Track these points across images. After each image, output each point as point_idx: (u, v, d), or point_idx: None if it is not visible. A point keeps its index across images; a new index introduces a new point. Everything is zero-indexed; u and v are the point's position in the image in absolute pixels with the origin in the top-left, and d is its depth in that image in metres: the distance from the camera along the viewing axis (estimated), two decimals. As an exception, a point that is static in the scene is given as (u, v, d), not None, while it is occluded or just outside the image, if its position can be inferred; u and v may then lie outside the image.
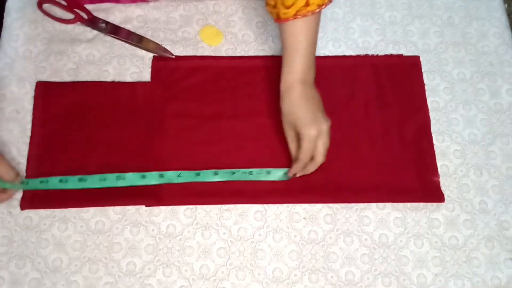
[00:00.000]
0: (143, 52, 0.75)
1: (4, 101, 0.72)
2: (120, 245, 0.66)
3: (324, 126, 0.64)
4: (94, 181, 0.67)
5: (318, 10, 0.63)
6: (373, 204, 0.68)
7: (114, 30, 0.76)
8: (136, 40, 0.76)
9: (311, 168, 0.66)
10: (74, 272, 0.64)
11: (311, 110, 0.65)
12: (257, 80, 0.74)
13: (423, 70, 0.76)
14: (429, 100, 0.74)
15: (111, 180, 0.67)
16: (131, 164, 0.69)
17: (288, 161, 0.70)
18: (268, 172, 0.68)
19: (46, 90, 0.73)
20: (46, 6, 0.78)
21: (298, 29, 0.65)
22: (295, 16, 0.63)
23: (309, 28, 0.65)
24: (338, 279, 0.65)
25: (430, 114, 0.73)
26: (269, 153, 0.70)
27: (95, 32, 0.77)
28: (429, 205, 0.68)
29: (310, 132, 0.64)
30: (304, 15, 0.63)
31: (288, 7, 0.63)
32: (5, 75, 0.74)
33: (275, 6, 0.64)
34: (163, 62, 0.75)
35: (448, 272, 0.65)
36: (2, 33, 0.76)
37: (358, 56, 0.76)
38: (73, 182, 0.67)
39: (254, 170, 0.68)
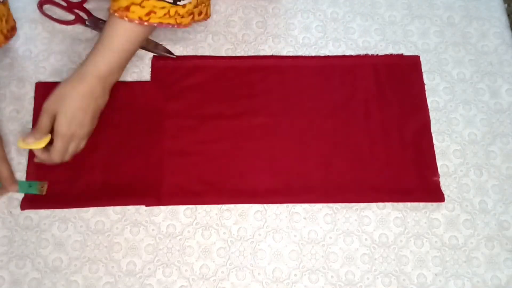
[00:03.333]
0: (143, 52, 0.75)
1: (4, 101, 0.72)
2: (120, 245, 0.66)
3: (82, 130, 0.64)
4: None
5: (137, 22, 0.62)
6: (373, 204, 0.68)
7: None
8: (135, 40, 0.76)
9: (64, 159, 0.66)
10: (74, 272, 0.64)
11: (82, 109, 0.63)
12: (257, 80, 0.74)
13: (423, 70, 0.76)
14: (429, 100, 0.74)
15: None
16: (131, 164, 0.69)
17: (288, 160, 0.70)
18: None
19: (46, 90, 0.72)
20: (46, 7, 0.78)
21: (118, 28, 0.63)
22: (114, 11, 0.62)
23: (126, 34, 0.64)
24: (338, 279, 0.65)
25: (430, 114, 0.73)
26: (269, 153, 0.70)
27: (95, 32, 0.77)
28: (429, 205, 0.68)
29: (64, 130, 0.63)
30: (121, 17, 0.62)
31: (114, 1, 0.62)
32: (5, 75, 0.74)
33: None
34: (163, 62, 0.75)
35: (448, 272, 0.65)
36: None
37: (358, 56, 0.76)
38: None
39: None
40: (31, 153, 0.69)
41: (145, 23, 0.62)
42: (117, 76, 0.67)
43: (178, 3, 0.62)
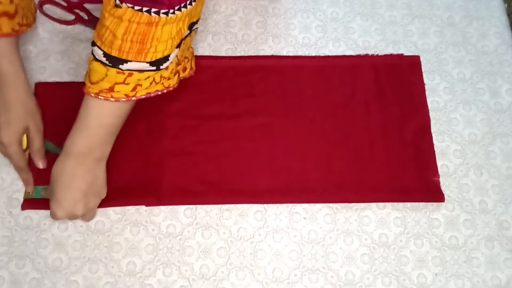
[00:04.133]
0: (143, 52, 0.75)
1: (4, 101, 0.72)
2: (120, 245, 0.66)
3: (76, 212, 0.62)
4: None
5: (125, 99, 0.60)
6: (373, 204, 0.68)
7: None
8: (135, 40, 0.75)
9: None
10: (74, 272, 0.64)
11: (72, 192, 0.61)
12: (257, 80, 0.74)
13: (423, 70, 0.76)
14: (429, 100, 0.74)
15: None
16: (131, 164, 0.69)
17: (288, 160, 0.70)
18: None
19: (46, 90, 0.73)
20: (46, 7, 0.78)
21: (98, 108, 0.60)
22: (96, 94, 0.59)
23: (111, 111, 0.61)
24: (338, 279, 0.65)
25: (430, 114, 0.73)
26: (269, 153, 0.70)
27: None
28: (429, 205, 0.68)
29: (56, 213, 0.62)
30: (106, 99, 0.59)
31: (92, 83, 0.59)
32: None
33: (86, 73, 0.60)
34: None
35: (448, 272, 0.65)
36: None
37: (358, 56, 0.76)
38: None
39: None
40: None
41: (133, 98, 0.60)
42: (106, 148, 0.64)
43: (161, 67, 0.59)
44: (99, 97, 0.59)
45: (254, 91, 0.74)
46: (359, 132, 0.72)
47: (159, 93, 0.63)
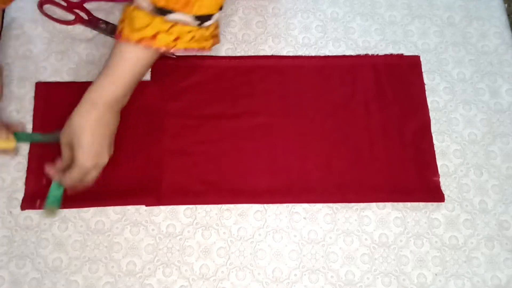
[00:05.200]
0: (143, 52, 0.75)
1: (4, 101, 0.72)
2: (120, 245, 0.66)
3: (102, 160, 0.62)
4: None
5: (164, 49, 0.61)
6: (373, 204, 0.68)
7: (114, 30, 0.76)
8: (135, 40, 0.75)
9: (80, 187, 0.64)
10: (74, 272, 0.64)
11: (98, 140, 0.62)
12: (257, 80, 0.74)
13: (423, 70, 0.76)
14: (429, 100, 0.74)
15: None
16: (131, 164, 0.69)
17: (288, 160, 0.70)
18: None
19: (46, 90, 0.73)
20: (46, 7, 0.78)
21: (134, 55, 0.61)
22: (137, 42, 0.60)
23: (144, 60, 0.62)
24: (338, 279, 0.65)
25: (430, 114, 0.73)
26: (269, 153, 0.70)
27: (95, 32, 0.77)
28: (429, 205, 0.68)
29: (85, 163, 0.61)
30: (147, 46, 0.60)
31: (134, 30, 0.60)
32: (5, 75, 0.74)
33: (122, 21, 0.61)
34: (163, 61, 0.75)
35: (448, 272, 0.65)
36: (2, 33, 0.76)
37: (358, 56, 0.76)
38: None
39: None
40: (31, 153, 0.69)
41: (171, 50, 0.62)
42: (126, 99, 0.65)
43: (204, 24, 0.61)
44: (141, 43, 0.60)
45: (254, 91, 0.74)
46: (359, 132, 0.72)
47: (195, 51, 0.64)
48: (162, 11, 0.59)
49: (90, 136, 0.61)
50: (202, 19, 0.61)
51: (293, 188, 0.68)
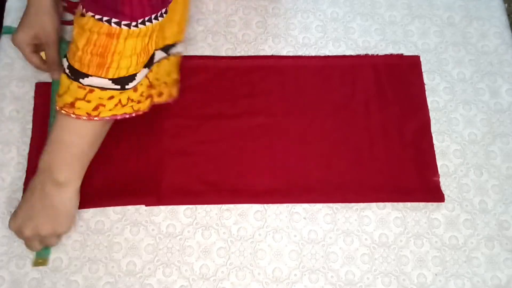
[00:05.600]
0: (143, 52, 0.75)
1: (4, 101, 0.72)
2: (120, 245, 0.66)
3: (25, 231, 0.60)
4: None
5: (86, 118, 0.56)
6: (373, 204, 0.68)
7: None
8: (135, 40, 0.75)
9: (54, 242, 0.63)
10: (74, 272, 0.64)
11: (26, 207, 0.61)
12: (257, 80, 0.74)
13: (423, 70, 0.76)
14: (429, 100, 0.74)
15: None
16: (130, 164, 0.69)
17: (288, 160, 0.70)
18: None
19: (46, 90, 0.73)
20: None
21: (58, 121, 0.58)
22: (60, 108, 0.56)
23: (75, 130, 0.58)
24: (338, 279, 0.65)
25: (430, 114, 0.73)
26: (269, 153, 0.70)
27: (95, 32, 0.77)
28: (429, 205, 0.68)
29: (10, 223, 0.61)
30: (68, 114, 0.56)
31: (59, 95, 0.56)
32: (5, 75, 0.74)
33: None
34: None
35: (448, 272, 0.65)
36: (2, 33, 0.76)
37: (358, 56, 0.76)
38: None
39: None
40: (31, 153, 0.69)
41: (95, 119, 0.56)
42: (66, 174, 0.60)
43: (126, 87, 0.55)
44: (62, 111, 0.56)
45: (254, 91, 0.74)
46: (359, 132, 0.72)
47: (127, 116, 0.60)
48: (77, 74, 0.54)
49: (22, 200, 0.62)
50: (122, 81, 0.55)
51: (293, 188, 0.68)
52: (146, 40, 0.53)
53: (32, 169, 0.68)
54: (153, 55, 0.57)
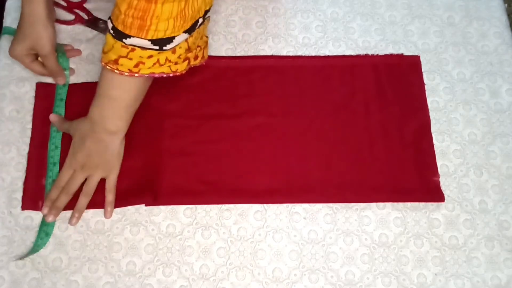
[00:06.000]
0: (143, 52, 0.75)
1: (4, 101, 0.72)
2: (120, 245, 0.66)
3: (82, 172, 0.66)
4: None
5: (128, 74, 0.61)
6: (373, 204, 0.68)
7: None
8: (135, 40, 0.75)
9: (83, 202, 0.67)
10: (74, 272, 0.64)
11: (82, 152, 0.66)
12: (257, 80, 0.74)
13: (423, 70, 0.76)
14: (429, 100, 0.74)
15: None
16: (130, 164, 0.69)
17: (288, 160, 0.70)
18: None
19: (46, 90, 0.73)
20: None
21: (104, 77, 0.64)
22: (105, 64, 0.62)
23: (119, 85, 0.64)
24: (338, 279, 0.65)
25: (430, 114, 0.73)
26: (269, 153, 0.70)
27: (95, 32, 0.77)
28: (429, 205, 0.68)
29: (71, 163, 0.66)
30: (112, 70, 0.61)
31: (104, 52, 0.62)
32: (5, 75, 0.74)
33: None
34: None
35: (448, 272, 0.65)
36: (2, 33, 0.76)
37: (358, 56, 0.76)
38: None
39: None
40: (31, 153, 0.69)
41: (136, 75, 0.62)
42: (116, 122, 0.66)
43: (164, 48, 0.60)
44: (107, 66, 0.62)
45: (254, 91, 0.74)
46: (359, 132, 0.72)
47: (165, 75, 0.64)
48: (120, 35, 0.59)
49: (76, 145, 0.66)
50: (160, 43, 0.59)
51: (293, 188, 0.68)
52: (182, 4, 0.57)
53: (32, 169, 0.68)
54: (196, 22, 0.61)
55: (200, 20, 0.61)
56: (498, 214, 0.68)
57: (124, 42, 0.59)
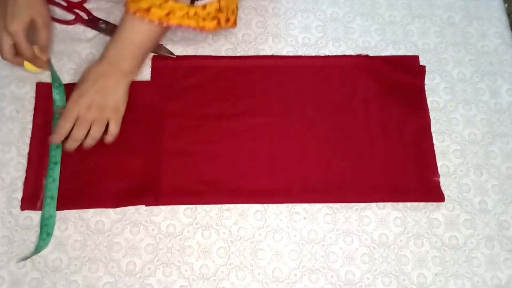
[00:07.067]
0: (143, 52, 0.75)
1: (4, 101, 0.72)
2: (120, 245, 0.66)
3: (92, 109, 0.67)
4: None
5: (157, 23, 0.66)
6: (373, 204, 0.68)
7: (114, 30, 0.76)
8: (135, 40, 0.76)
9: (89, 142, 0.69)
10: (74, 272, 0.64)
11: (96, 89, 0.67)
12: (257, 80, 0.74)
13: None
14: (429, 100, 0.74)
15: None
16: (131, 164, 0.69)
17: (288, 160, 0.70)
18: None
19: (47, 90, 0.73)
20: (46, 6, 0.78)
21: (130, 24, 0.67)
22: (133, 13, 0.65)
23: (144, 33, 0.68)
24: (338, 279, 0.65)
25: (430, 114, 0.73)
26: (269, 153, 0.70)
27: (95, 32, 0.77)
28: (429, 205, 0.68)
29: (79, 100, 0.67)
30: (142, 19, 0.65)
31: (132, 1, 0.65)
32: (5, 75, 0.74)
33: None
34: (163, 61, 0.75)
35: (448, 272, 0.65)
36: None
37: (358, 56, 0.76)
38: None
39: None
40: (31, 153, 0.69)
41: (165, 24, 0.65)
42: (131, 63, 0.70)
43: (196, 3, 0.64)
44: (137, 14, 0.65)
45: (254, 91, 0.74)
46: (359, 132, 0.72)
47: (192, 29, 0.67)
48: None
49: (88, 84, 0.68)
50: None
51: (293, 188, 0.68)
52: None
53: (32, 169, 0.68)
54: None
55: None
56: (498, 214, 0.68)
57: None
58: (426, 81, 0.75)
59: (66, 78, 0.74)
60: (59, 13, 0.78)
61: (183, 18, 0.65)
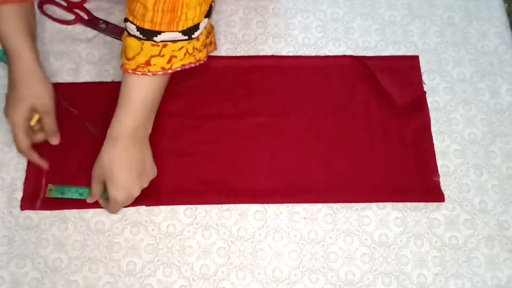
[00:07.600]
0: (143, 52, 0.75)
1: (4, 101, 0.72)
2: (120, 245, 0.66)
3: (134, 192, 0.64)
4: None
5: (161, 73, 0.60)
6: (373, 204, 0.68)
7: (114, 30, 0.76)
8: (136, 40, 0.75)
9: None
10: (74, 272, 0.64)
11: (127, 172, 0.63)
12: (257, 80, 0.74)
13: (423, 70, 0.76)
14: (429, 100, 0.74)
15: None
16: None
17: (288, 160, 0.70)
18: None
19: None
20: (46, 7, 0.78)
21: (136, 84, 0.61)
22: (134, 70, 0.60)
23: (150, 87, 0.62)
24: (338, 279, 0.65)
25: (430, 114, 0.73)
26: (269, 153, 0.70)
27: (95, 32, 0.77)
28: (429, 205, 0.68)
29: (117, 197, 0.63)
30: (144, 74, 0.60)
31: (128, 59, 0.60)
32: (5, 75, 0.73)
33: (122, 51, 0.61)
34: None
35: (448, 272, 0.65)
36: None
37: (358, 56, 0.76)
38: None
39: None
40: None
41: (169, 71, 0.61)
42: (149, 126, 0.66)
43: (192, 36, 0.59)
44: (137, 72, 0.60)
45: (254, 91, 0.74)
46: (359, 132, 0.72)
47: (192, 65, 0.63)
48: (149, 34, 0.57)
49: (119, 171, 0.62)
50: (190, 31, 0.58)
51: (293, 188, 0.68)
52: None
53: (32, 169, 0.68)
54: (211, 5, 0.60)
55: (213, 2, 0.61)
56: (498, 214, 0.68)
57: (154, 40, 0.58)
58: (426, 81, 0.75)
59: (66, 78, 0.74)
60: (59, 13, 0.78)
61: (185, 58, 0.61)
